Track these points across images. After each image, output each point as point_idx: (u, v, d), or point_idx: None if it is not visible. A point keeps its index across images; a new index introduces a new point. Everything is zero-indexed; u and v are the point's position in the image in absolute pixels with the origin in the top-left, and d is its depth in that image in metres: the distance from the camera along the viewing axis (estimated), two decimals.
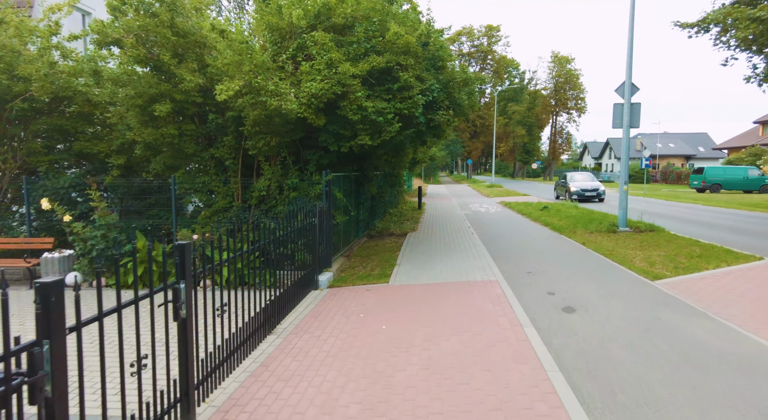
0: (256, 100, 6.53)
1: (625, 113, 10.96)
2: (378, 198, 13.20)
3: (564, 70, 58.89)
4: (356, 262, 8.60)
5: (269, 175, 7.66)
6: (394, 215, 15.02)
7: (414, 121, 8.17)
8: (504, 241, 10.54)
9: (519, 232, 11.90)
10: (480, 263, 7.97)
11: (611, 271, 7.36)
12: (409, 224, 13.20)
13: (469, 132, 66.54)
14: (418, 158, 23.73)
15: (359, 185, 10.50)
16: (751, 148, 35.81)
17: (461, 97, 8.97)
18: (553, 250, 9.36)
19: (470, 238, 10.92)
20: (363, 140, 7.46)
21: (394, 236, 11.38)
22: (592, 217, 14.05)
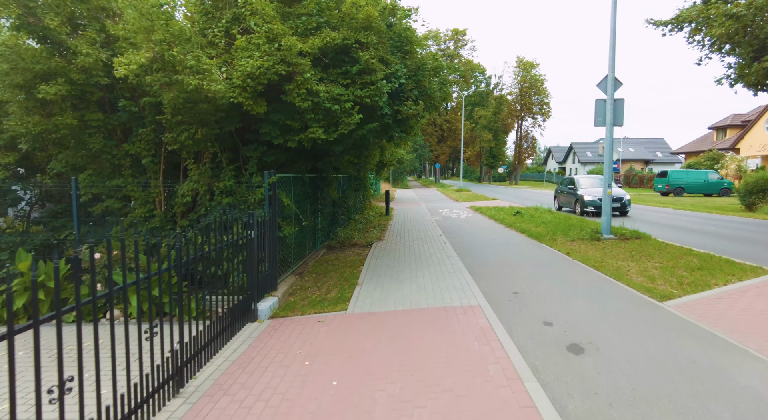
0: (170, 79, 5.02)
1: (609, 110, 10.08)
2: (340, 203, 11.80)
3: (529, 75, 59.45)
4: (310, 281, 7.17)
5: (196, 177, 6.13)
6: (359, 222, 13.64)
7: (378, 113, 6.86)
8: (480, 251, 9.37)
9: (495, 241, 10.79)
10: (457, 281, 6.71)
11: (608, 289, 6.26)
12: (375, 233, 11.86)
13: (437, 136, 66.17)
14: (386, 161, 22.50)
15: (316, 189, 9.08)
16: (708, 153, 36.73)
17: (432, 87, 7.74)
18: (536, 262, 8.25)
19: (443, 248, 9.70)
20: (315, 133, 6.08)
21: (358, 247, 10.00)
22: (570, 222, 13.17)
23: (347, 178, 13.38)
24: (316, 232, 9.31)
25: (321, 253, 9.28)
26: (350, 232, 11.35)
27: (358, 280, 6.92)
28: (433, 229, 13.09)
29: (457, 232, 12.51)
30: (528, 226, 13.05)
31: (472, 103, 67.80)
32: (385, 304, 5.73)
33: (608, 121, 10.13)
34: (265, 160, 6.64)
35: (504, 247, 9.82)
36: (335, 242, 10.25)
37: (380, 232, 12.21)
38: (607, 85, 10.10)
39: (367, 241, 10.36)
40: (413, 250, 9.49)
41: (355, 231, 11.69)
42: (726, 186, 30.56)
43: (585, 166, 65.70)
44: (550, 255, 8.90)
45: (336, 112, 6.14)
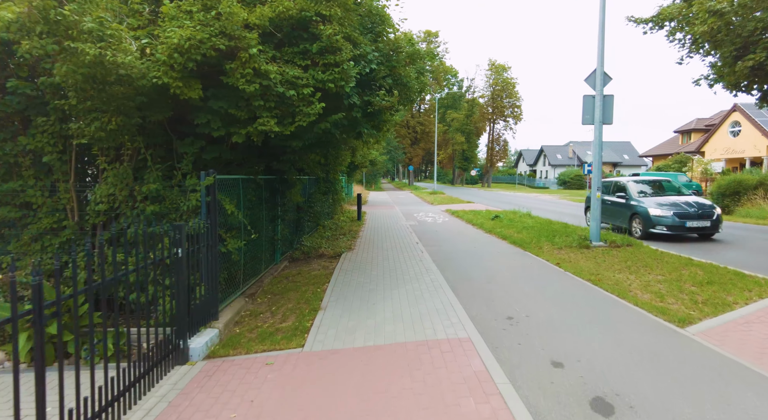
0: (61, 46, 3.76)
1: (597, 107, 9.30)
2: (306, 209, 10.60)
3: (501, 78, 59.63)
4: (264, 304, 5.96)
5: (112, 179, 4.84)
6: (329, 229, 12.46)
7: (345, 102, 5.75)
8: (461, 261, 8.38)
9: (476, 249, 9.83)
10: (439, 302, 5.66)
11: (615, 311, 5.35)
12: (345, 241, 10.71)
13: (410, 138, 65.57)
14: (357, 162, 21.38)
15: (275, 193, 7.87)
16: (676, 156, 37.36)
17: (408, 75, 6.69)
18: (525, 275, 7.31)
19: (420, 258, 8.65)
20: (266, 125, 4.91)
21: (325, 259, 8.83)
22: (553, 228, 12.40)
23: (314, 181, 12.19)
24: (276, 243, 8.09)
25: (281, 267, 8.06)
26: (317, 240, 10.16)
27: (321, 304, 5.76)
28: (409, 235, 12.05)
29: (434, 238, 11.51)
30: (509, 231, 12.19)
31: (445, 106, 67.62)
32: (353, 337, 4.60)
33: (597, 119, 9.35)
34: (204, 157, 5.40)
35: (487, 257, 8.86)
36: (299, 253, 9.04)
37: (351, 239, 11.07)
38: (596, 79, 9.33)
39: (335, 251, 9.19)
40: (387, 261, 8.40)
41: (323, 239, 10.51)
42: (694, 188, 30.94)
43: (555, 169, 66.48)
44: (538, 266, 7.99)
45: (292, 99, 4.99)
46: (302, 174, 9.83)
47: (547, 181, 64.51)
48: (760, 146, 32.05)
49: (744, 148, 33.52)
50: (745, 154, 33.33)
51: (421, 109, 70.43)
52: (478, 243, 10.72)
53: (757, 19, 11.71)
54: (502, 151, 65.77)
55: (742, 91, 14.06)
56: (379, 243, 10.64)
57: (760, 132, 31.78)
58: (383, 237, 11.70)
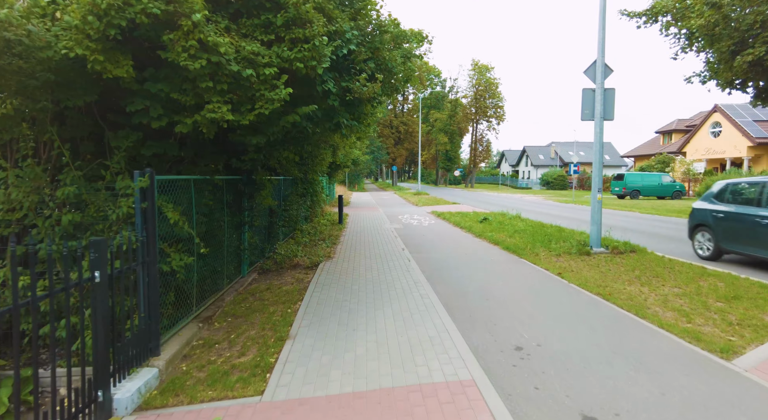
0: None
1: (598, 101, 8.56)
2: (281, 213, 9.60)
3: (484, 78, 59.33)
4: (221, 330, 4.97)
5: (13, 180, 3.78)
6: (307, 234, 11.46)
7: (318, 89, 4.81)
8: (453, 272, 7.51)
9: (467, 256, 8.99)
10: (432, 327, 4.76)
11: (639, 336, 4.53)
12: (324, 248, 9.73)
13: (394, 138, 64.84)
14: (339, 162, 20.38)
15: (240, 196, 6.86)
16: (659, 156, 37.47)
17: (393, 59, 5.78)
18: (526, 289, 6.48)
19: (407, 268, 7.75)
20: (218, 113, 3.93)
21: (300, 269, 7.84)
22: (547, 232, 11.65)
23: (291, 182, 11.19)
24: (242, 253, 7.07)
25: (249, 281, 7.05)
26: (292, 248, 9.16)
27: (291, 330, 4.79)
28: (394, 240, 11.14)
29: (421, 244, 10.62)
30: (500, 235, 11.40)
31: (428, 106, 67.13)
32: (327, 379, 3.65)
33: (597, 114, 8.61)
34: (144, 154, 4.38)
35: (480, 266, 8.02)
36: (271, 263, 8.03)
37: (331, 246, 10.10)
38: (596, 71, 8.59)
39: (312, 260, 8.21)
40: (371, 272, 7.47)
41: (299, 246, 9.51)
42: (678, 189, 30.96)
43: (538, 169, 66.60)
44: (538, 277, 7.17)
45: (250, 81, 4.03)
46: (274, 174, 8.84)
47: (530, 181, 64.53)
48: (741, 147, 32.27)
49: (724, 148, 33.73)
50: (726, 155, 33.54)
51: (404, 109, 69.76)
52: (469, 249, 9.87)
53: (756, 12, 11.20)
54: (485, 152, 65.48)
55: (736, 88, 13.60)
56: (362, 249, 9.70)
57: (741, 133, 31.98)
58: (366, 242, 10.76)
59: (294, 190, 11.14)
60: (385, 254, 9.10)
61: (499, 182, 69.69)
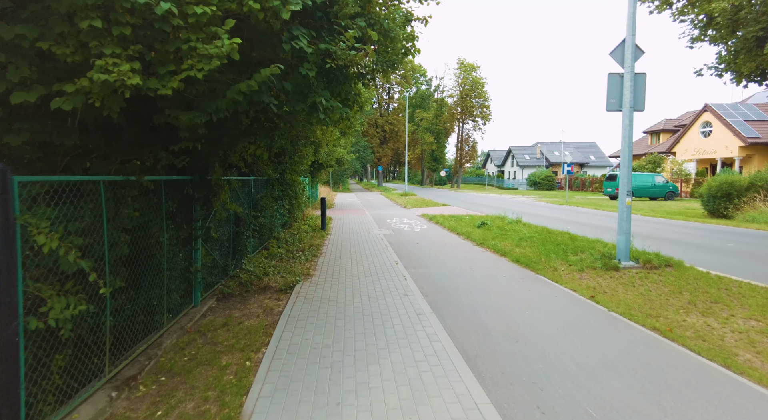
0: None
1: (627, 87, 7.23)
2: (249, 221, 8.03)
3: (470, 78, 58.34)
4: (144, 401, 3.39)
5: None
6: (283, 243, 9.90)
7: (285, 47, 3.29)
8: (464, 297, 6.06)
9: (474, 272, 7.56)
10: (454, 400, 3.27)
11: (753, 409, 3.15)
12: (301, 262, 8.19)
13: (379, 138, 63.38)
14: (322, 160, 18.80)
15: (189, 202, 5.28)
16: (650, 156, 36.84)
17: (390, 18, 4.29)
18: (562, 322, 5.07)
19: (405, 291, 6.27)
20: (115, 73, 2.38)
21: (271, 293, 6.28)
22: (557, 239, 10.32)
23: (264, 183, 9.63)
24: (194, 276, 5.48)
25: (203, 311, 5.47)
26: (263, 264, 7.59)
27: (245, 404, 3.25)
28: (384, 250, 9.65)
29: (416, 255, 9.16)
30: (505, 244, 10.03)
31: (414, 105, 65.81)
32: None
33: (626, 103, 7.28)
34: (6, 141, 2.80)
35: (493, 285, 6.59)
36: (235, 285, 6.44)
37: (311, 259, 8.56)
38: (625, 52, 7.26)
39: (287, 280, 6.64)
40: (359, 297, 5.96)
41: (272, 261, 7.95)
42: (671, 189, 30.26)
43: (524, 170, 66.04)
44: (569, 303, 5.77)
45: (172, 26, 2.50)
46: (239, 173, 7.30)
47: (516, 181, 63.90)
48: (732, 147, 31.77)
49: (715, 148, 33.23)
50: (717, 155, 33.04)
51: (389, 108, 68.35)
52: (473, 262, 8.45)
53: None
54: (471, 152, 64.48)
55: (754, 81, 12.54)
56: (348, 263, 8.18)
57: (732, 132, 31.48)
58: (353, 254, 9.24)
59: (268, 192, 9.56)
60: (376, 270, 7.60)
61: (486, 183, 68.88)
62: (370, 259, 8.64)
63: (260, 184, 9.37)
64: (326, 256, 8.96)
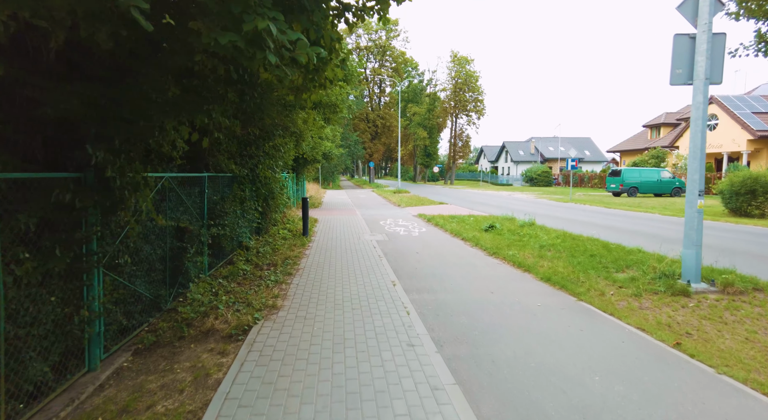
0: None
1: (701, 53, 5.41)
2: (196, 233, 6.11)
3: (463, 71, 56.49)
4: None
5: None
6: (253, 255, 7.99)
7: None
8: (494, 349, 4.21)
9: (499, 300, 5.73)
10: None
11: None
12: (268, 287, 6.28)
13: (370, 133, 61.38)
14: (306, 155, 16.82)
15: (71, 213, 3.34)
16: (652, 151, 35.35)
17: None
18: (654, 398, 3.25)
19: (409, 339, 4.39)
20: None
21: (214, 342, 4.35)
22: (591, 249, 8.50)
23: (228, 181, 7.74)
24: (86, 326, 3.54)
25: (101, 381, 3.54)
26: (216, 290, 5.67)
27: None
28: (378, 263, 7.77)
29: (418, 270, 7.30)
30: (524, 254, 8.22)
31: (406, 100, 63.86)
32: None
33: (698, 74, 5.47)
34: None
35: (530, 323, 4.75)
36: (167, 327, 4.52)
37: (282, 279, 6.65)
38: (699, 5, 5.43)
39: (240, 320, 4.70)
40: (342, 354, 4.07)
41: (229, 285, 6.04)
42: (678, 185, 28.76)
43: (518, 165, 64.58)
44: (648, 355, 3.95)
45: None
46: (182, 169, 5.40)
47: (510, 177, 62.34)
48: (740, 141, 30.35)
49: (721, 142, 31.80)
50: (723, 149, 31.63)
51: (381, 102, 66.29)
52: (492, 281, 6.60)
53: None
54: (464, 147, 62.71)
55: None
56: (330, 286, 6.29)
57: (740, 125, 30.05)
58: (338, 269, 7.36)
59: (233, 193, 7.63)
60: (368, 296, 5.72)
61: (480, 179, 67.36)
62: (360, 277, 6.75)
63: (221, 183, 7.45)
64: (304, 273, 7.05)
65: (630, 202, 23.08)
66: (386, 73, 62.09)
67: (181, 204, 5.67)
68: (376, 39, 62.14)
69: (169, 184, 5.21)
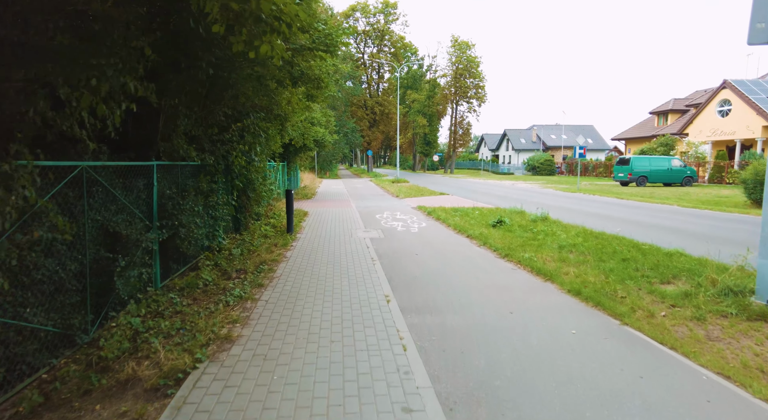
0: None
1: None
2: (133, 238, 4.84)
3: (464, 56, 54.65)
4: None
5: None
6: (223, 259, 6.74)
7: None
8: (526, 413, 2.98)
9: (522, 325, 4.50)
10: None
11: None
12: (228, 305, 5.02)
13: (368, 120, 59.69)
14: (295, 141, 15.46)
15: None
16: (661, 138, 33.92)
17: None
18: None
19: (406, 400, 3.17)
20: None
21: (131, 399, 3.10)
22: (621, 251, 7.24)
23: (193, 171, 6.49)
24: None
25: None
26: (162, 305, 4.43)
27: None
28: (370, 270, 6.52)
29: (418, 280, 6.05)
30: (543, 257, 6.98)
31: (405, 86, 62.01)
32: None
33: None
34: None
35: (569, 364, 3.52)
36: (72, 375, 3.28)
37: (248, 294, 5.40)
38: None
39: (175, 363, 3.46)
40: None
41: (179, 305, 4.79)
42: (689, 174, 27.46)
43: (519, 154, 63.19)
44: None
45: None
46: (113, 156, 4.11)
47: (511, 166, 60.93)
48: (754, 127, 28.96)
49: (734, 128, 30.41)
50: (736, 136, 30.26)
51: (379, 89, 64.47)
52: (509, 295, 5.36)
53: None
54: (465, 135, 61.09)
55: None
56: (308, 304, 5.04)
57: (755, 111, 28.63)
58: (321, 278, 6.11)
59: (193, 186, 6.34)
60: (352, 323, 4.47)
61: (480, 168, 65.96)
62: (346, 289, 5.50)
63: (181, 174, 6.16)
64: (278, 284, 5.80)
65: (641, 192, 21.82)
66: (385, 58, 60.23)
67: (112, 201, 4.39)
68: (375, 23, 60.16)
69: (91, 175, 3.92)
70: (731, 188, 24.78)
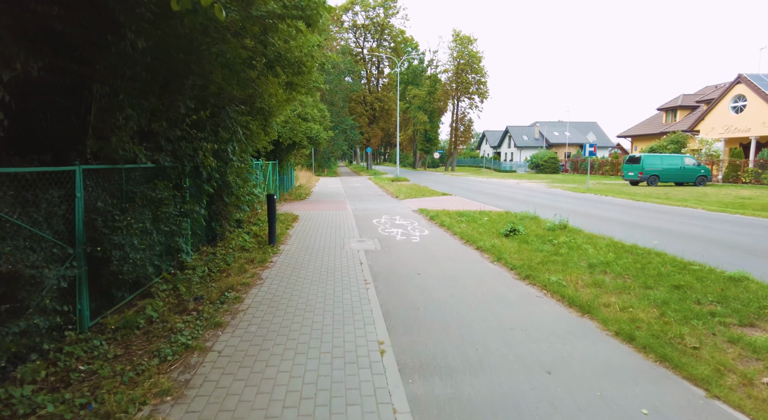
0: None
1: None
2: (37, 279, 3.56)
3: (466, 51, 53.22)
4: None
5: None
6: (183, 282, 5.49)
7: None
8: None
9: (569, 406, 3.23)
10: None
11: None
12: (165, 361, 3.77)
13: (368, 116, 58.28)
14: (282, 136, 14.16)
15: None
16: (671, 135, 32.61)
17: None
18: None
19: None
20: None
21: None
22: (670, 274, 5.98)
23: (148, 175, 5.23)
24: None
25: None
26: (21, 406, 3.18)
27: None
28: (361, 299, 5.26)
29: (421, 314, 4.79)
30: (572, 280, 5.73)
31: (405, 82, 60.55)
32: None
33: None
34: None
35: None
36: None
37: (198, 341, 4.15)
38: None
39: None
40: None
41: (101, 360, 3.53)
42: (702, 173, 26.16)
43: (521, 151, 61.90)
44: None
45: None
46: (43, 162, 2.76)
47: (513, 163, 59.60)
48: None
49: (749, 125, 29.07)
50: (751, 133, 28.94)
51: (379, 84, 63.00)
52: (540, 337, 4.10)
53: None
54: (466, 132, 59.67)
55: None
56: (273, 365, 3.78)
57: None
58: (297, 317, 4.85)
59: (139, 195, 5.06)
60: (330, 397, 3.22)
61: (482, 165, 64.63)
62: (329, 332, 4.24)
63: (129, 180, 4.90)
64: (242, 323, 4.53)
65: (655, 193, 20.54)
66: (384, 52, 58.79)
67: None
68: (374, 16, 58.64)
69: None
70: (750, 188, 23.50)
